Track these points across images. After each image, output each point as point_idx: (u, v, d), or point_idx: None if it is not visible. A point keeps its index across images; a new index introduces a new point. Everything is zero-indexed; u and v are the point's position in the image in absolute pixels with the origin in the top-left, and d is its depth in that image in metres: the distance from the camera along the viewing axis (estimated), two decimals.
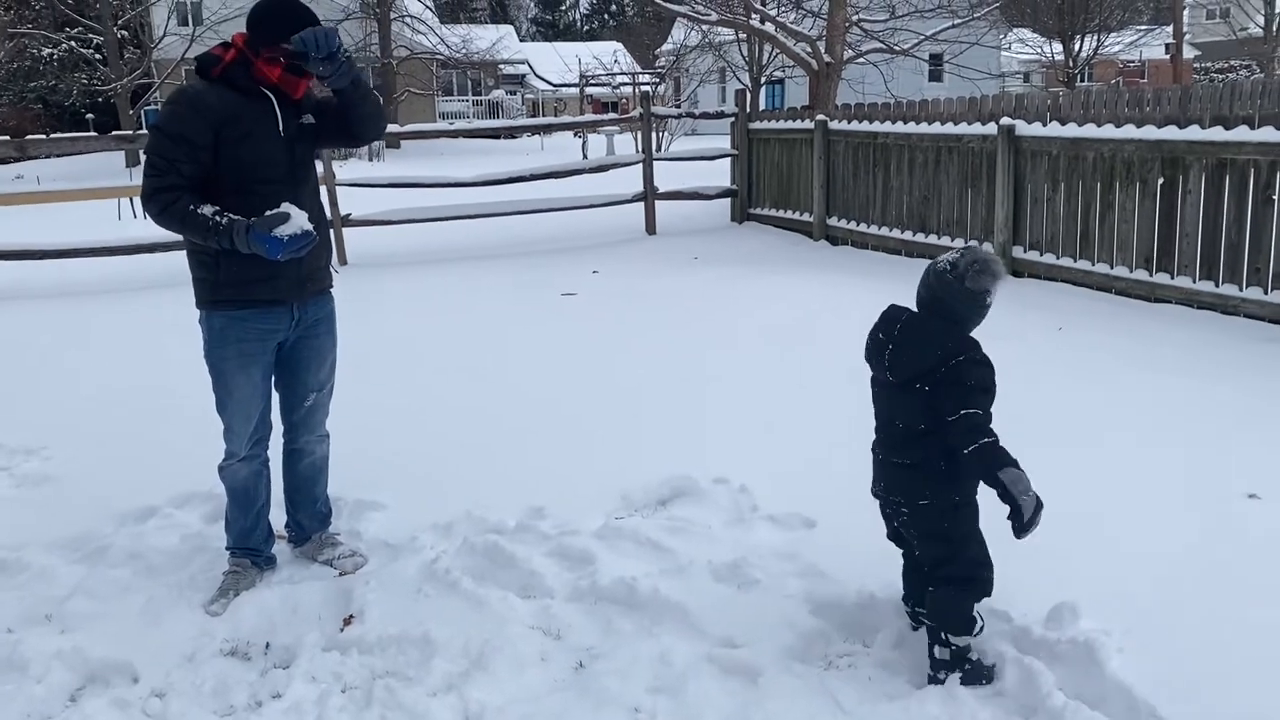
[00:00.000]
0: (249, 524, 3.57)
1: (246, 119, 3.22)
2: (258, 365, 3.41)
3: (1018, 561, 3.00)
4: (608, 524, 3.84)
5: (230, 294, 3.31)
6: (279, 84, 3.28)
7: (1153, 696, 2.63)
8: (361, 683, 2.90)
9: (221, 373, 3.40)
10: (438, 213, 10.68)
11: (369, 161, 25.90)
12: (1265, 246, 6.40)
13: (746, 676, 2.86)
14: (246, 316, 3.34)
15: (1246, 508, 3.81)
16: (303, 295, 3.43)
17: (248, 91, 3.25)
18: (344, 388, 5.78)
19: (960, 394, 2.70)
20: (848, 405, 3.44)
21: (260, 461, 3.55)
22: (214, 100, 3.20)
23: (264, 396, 3.48)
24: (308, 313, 3.48)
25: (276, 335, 3.43)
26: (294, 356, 3.52)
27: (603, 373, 5.87)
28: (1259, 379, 5.34)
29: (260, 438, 3.52)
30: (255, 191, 3.22)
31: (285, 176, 3.31)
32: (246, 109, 3.23)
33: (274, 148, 3.28)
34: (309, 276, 3.43)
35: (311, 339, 3.53)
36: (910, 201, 9.50)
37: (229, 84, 3.24)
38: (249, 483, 3.53)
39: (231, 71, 3.25)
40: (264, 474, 3.58)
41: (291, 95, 3.33)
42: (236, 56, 3.26)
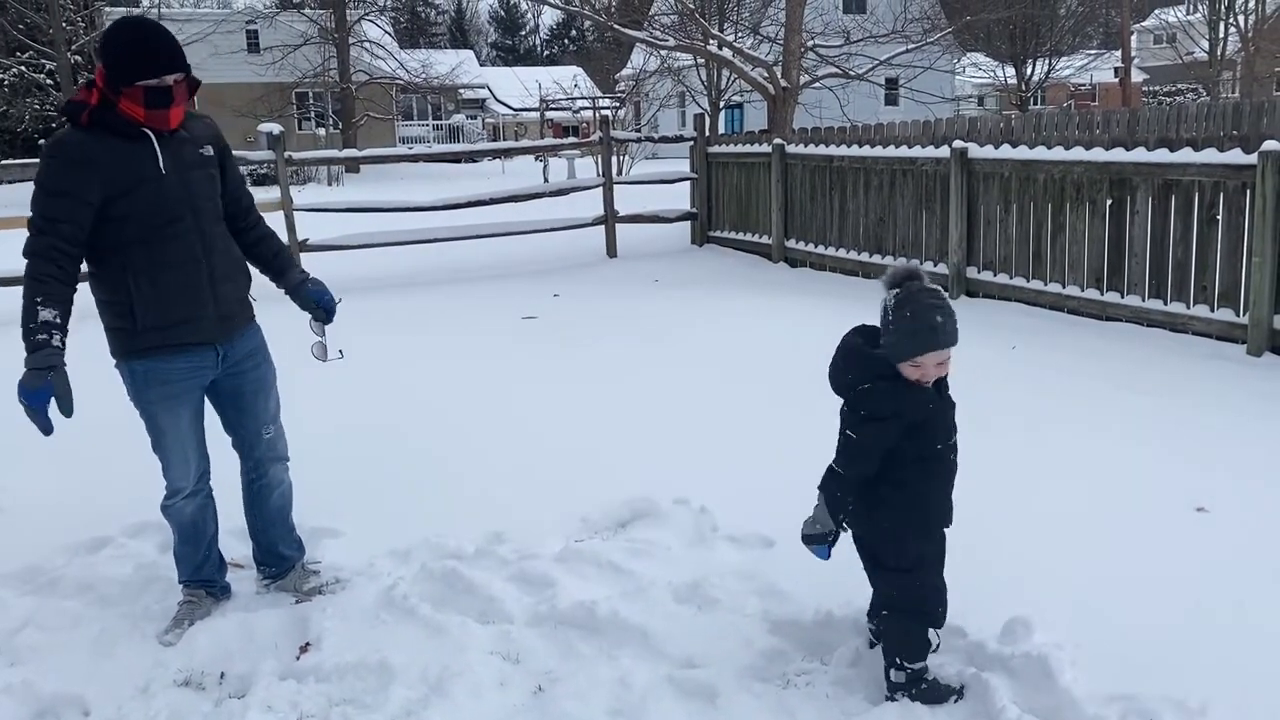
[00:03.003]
0: (200, 557, 3.51)
1: (134, 164, 3.02)
2: (186, 405, 3.30)
3: (972, 577, 3.04)
4: (567, 547, 3.84)
5: (152, 340, 3.16)
6: (147, 122, 3.03)
7: (1105, 709, 2.68)
8: (318, 711, 2.87)
9: (150, 415, 3.30)
10: (397, 237, 10.65)
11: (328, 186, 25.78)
12: (1210, 265, 6.55)
13: (706, 697, 2.87)
14: (170, 359, 3.22)
15: (1195, 521, 3.88)
16: (227, 333, 3.31)
17: (126, 134, 3.02)
18: (300, 413, 5.73)
19: (851, 418, 2.75)
20: (806, 425, 3.47)
21: (205, 495, 3.48)
22: (97, 149, 2.98)
23: (197, 433, 3.37)
24: (235, 348, 3.36)
25: (203, 375, 3.30)
26: (238, 393, 3.42)
27: (563, 396, 5.88)
28: (1206, 395, 5.45)
29: (203, 472, 3.44)
30: (163, 236, 3.07)
31: (190, 213, 3.13)
32: (131, 154, 3.03)
33: (167, 188, 3.08)
34: (230, 314, 3.32)
35: (250, 372, 3.44)
36: (867, 224, 9.62)
37: (106, 128, 3.00)
38: (196, 517, 3.46)
39: (101, 115, 3.01)
40: (210, 506, 3.52)
41: (165, 129, 3.08)
42: (100, 99, 3.01)
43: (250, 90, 31.99)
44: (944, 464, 2.80)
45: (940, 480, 2.81)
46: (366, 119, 33.20)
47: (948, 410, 2.79)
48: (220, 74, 33.51)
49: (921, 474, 2.77)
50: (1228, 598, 3.25)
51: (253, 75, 32.37)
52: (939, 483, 2.81)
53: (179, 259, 3.14)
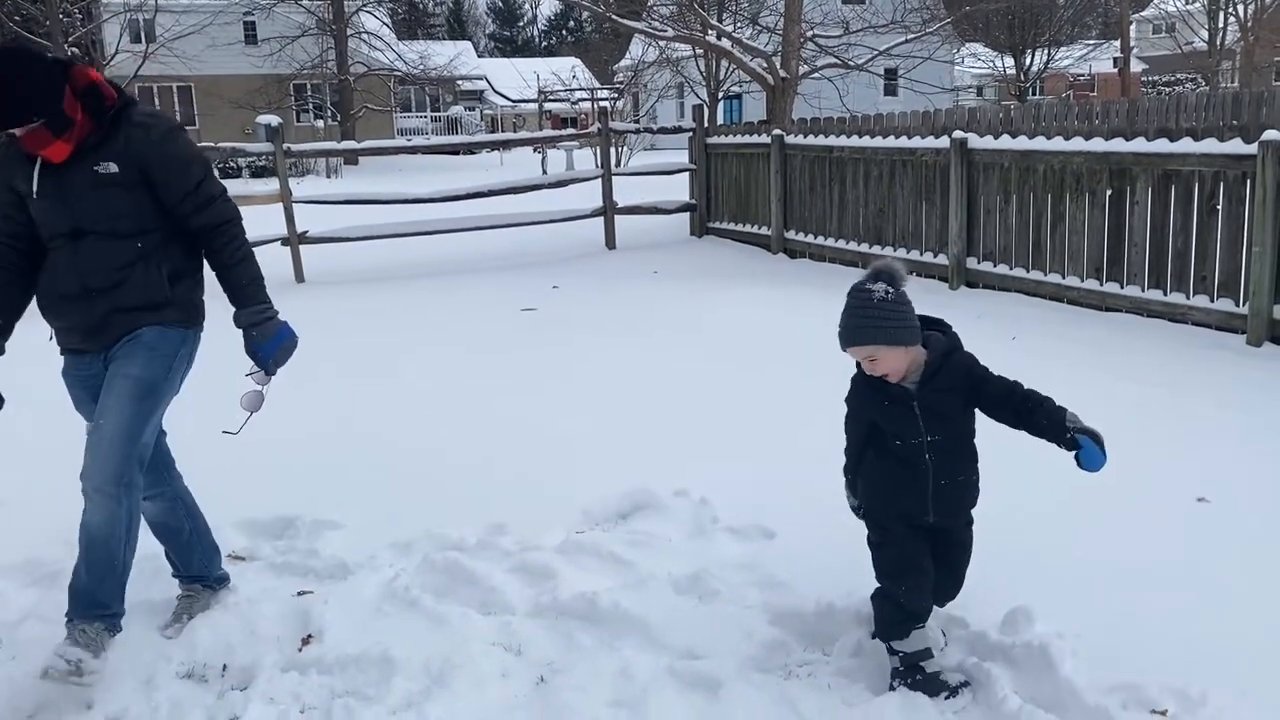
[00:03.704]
0: (184, 553, 3.46)
1: (20, 180, 3.06)
2: (81, 405, 3.31)
3: (973, 567, 3.04)
4: (568, 539, 3.84)
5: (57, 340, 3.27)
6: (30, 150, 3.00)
7: (1105, 699, 2.68)
8: (320, 703, 2.87)
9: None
10: (396, 229, 10.65)
11: (326, 178, 25.75)
12: (1210, 255, 6.55)
13: (707, 688, 2.88)
14: (65, 361, 3.30)
15: (1196, 511, 3.89)
16: (102, 343, 3.19)
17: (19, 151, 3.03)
18: (300, 406, 5.75)
19: None
20: (806, 416, 3.48)
21: (166, 497, 3.41)
22: (7, 155, 3.08)
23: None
24: (112, 352, 3.19)
25: (91, 381, 3.23)
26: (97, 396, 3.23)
27: (562, 387, 5.88)
28: (1206, 385, 5.46)
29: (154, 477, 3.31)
30: (50, 248, 3.12)
31: (67, 232, 3.08)
32: (20, 169, 3.05)
33: (41, 208, 3.07)
34: (102, 326, 3.15)
35: (110, 374, 3.17)
36: (866, 214, 9.62)
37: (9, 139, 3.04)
38: (162, 517, 3.41)
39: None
40: (178, 505, 3.45)
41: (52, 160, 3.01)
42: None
43: (248, 82, 31.95)
44: (902, 461, 2.81)
45: (900, 476, 2.83)
46: (364, 111, 33.17)
47: (906, 411, 2.78)
48: (218, 66, 33.50)
49: (880, 468, 2.87)
50: (1228, 587, 3.25)
51: (250, 67, 32.32)
52: (899, 478, 2.83)
53: (55, 271, 3.15)
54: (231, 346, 3.39)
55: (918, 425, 2.78)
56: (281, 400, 5.80)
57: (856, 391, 2.89)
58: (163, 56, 27.54)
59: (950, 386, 2.80)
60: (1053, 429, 2.77)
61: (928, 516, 2.85)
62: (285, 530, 4.08)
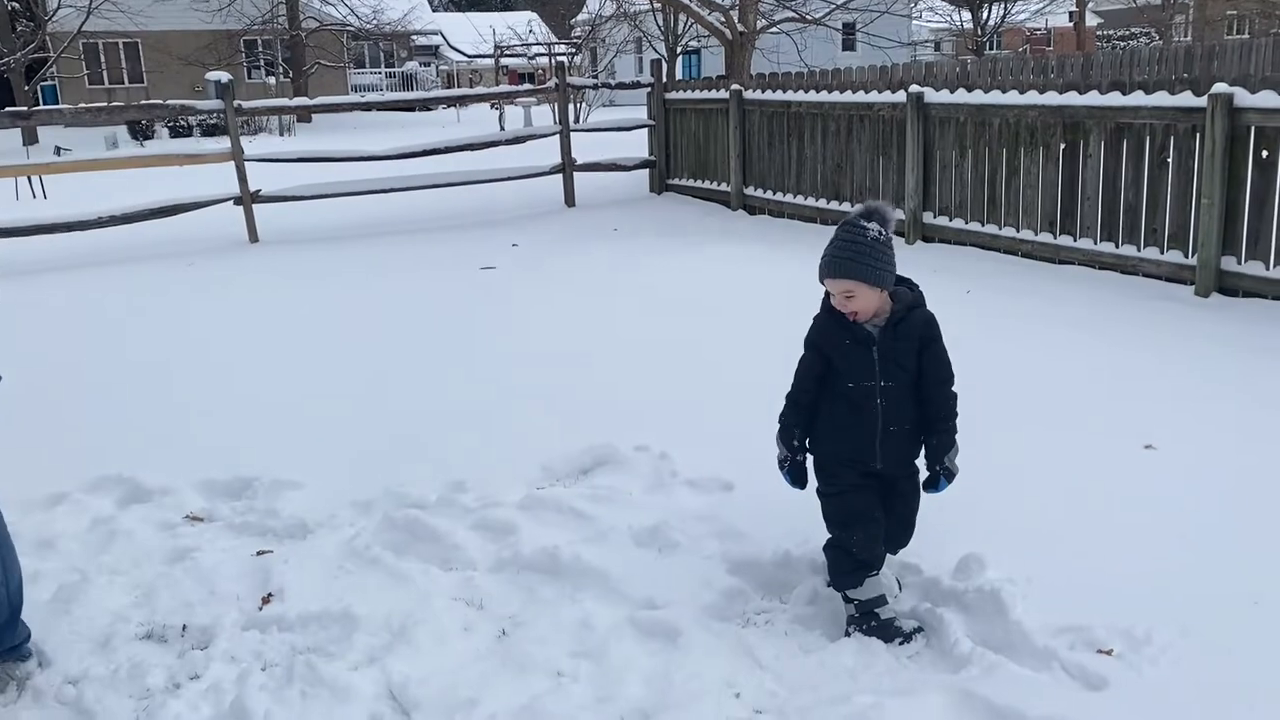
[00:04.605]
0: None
1: None
2: None
3: (926, 516, 3.10)
4: (529, 495, 3.85)
5: None
6: None
7: (1054, 640, 2.75)
8: (282, 660, 2.88)
9: None
10: (351, 187, 10.50)
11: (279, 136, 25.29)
12: (1160, 208, 6.65)
13: (667, 637, 2.92)
14: None
15: (1143, 458, 3.97)
16: None
17: None
18: (257, 367, 5.70)
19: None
20: (765, 371, 3.50)
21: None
22: None
23: None
24: None
25: None
26: None
27: (522, 345, 5.87)
28: (1154, 335, 5.56)
29: None
30: None
31: None
32: None
33: None
34: None
35: None
36: (824, 170, 9.63)
37: None
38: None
39: None
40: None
41: None
42: None
43: (197, 38, 31.16)
44: (853, 405, 2.86)
45: (850, 420, 2.88)
46: (317, 67, 32.52)
47: (865, 354, 2.83)
48: (166, 21, 32.63)
49: (832, 412, 2.91)
50: (1173, 531, 3.34)
51: (199, 23, 31.49)
52: (849, 422, 2.88)
53: None
54: None
55: (874, 369, 2.83)
56: (239, 361, 5.77)
57: (820, 328, 2.92)
58: (108, 12, 26.76)
59: (908, 337, 2.86)
60: (933, 452, 2.95)
61: (875, 463, 2.90)
62: (244, 490, 4.05)
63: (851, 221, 2.82)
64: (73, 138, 23.67)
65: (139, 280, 8.28)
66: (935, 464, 2.94)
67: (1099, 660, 2.67)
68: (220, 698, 2.71)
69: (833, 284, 2.82)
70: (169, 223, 9.95)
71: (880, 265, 2.78)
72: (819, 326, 2.93)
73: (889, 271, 2.80)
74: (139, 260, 9.13)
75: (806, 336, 2.95)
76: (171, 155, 11.24)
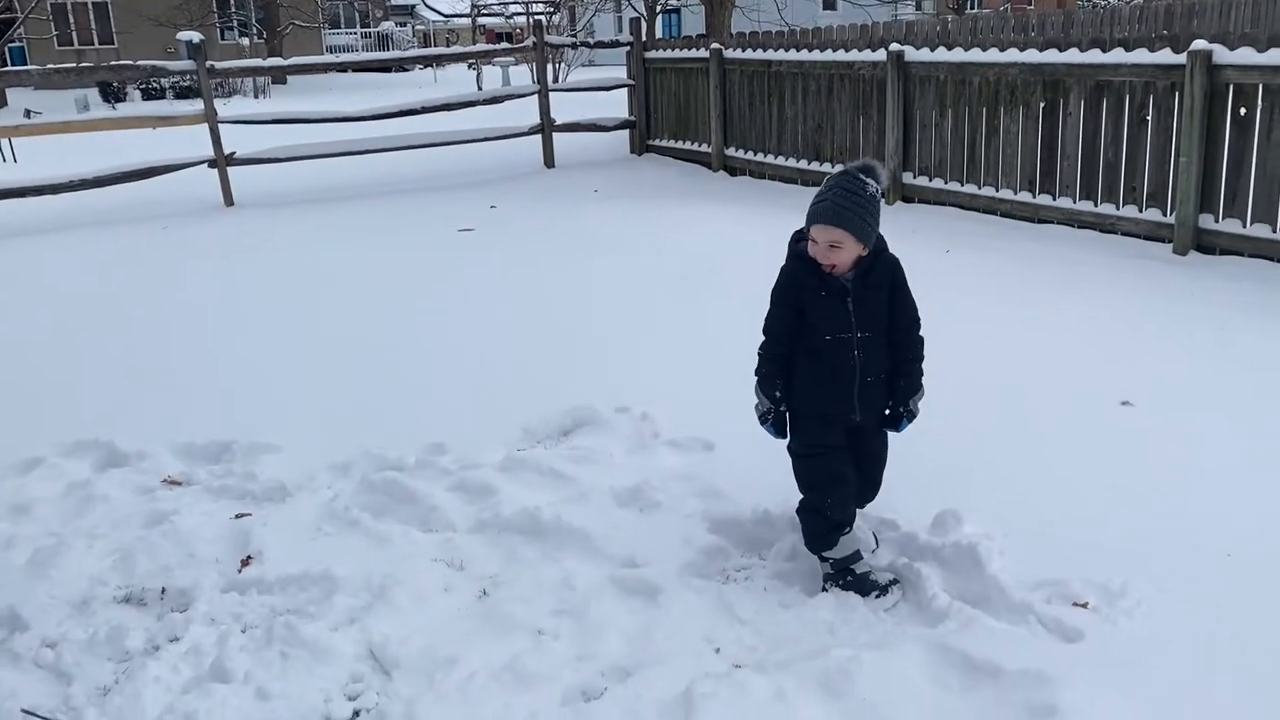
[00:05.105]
0: None
1: None
2: None
3: (904, 471, 3.12)
4: (509, 456, 3.85)
5: None
6: None
7: (1030, 594, 2.78)
8: (262, 621, 2.87)
9: None
10: (327, 149, 10.38)
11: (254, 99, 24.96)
12: (1140, 166, 6.65)
13: (647, 594, 2.93)
14: None
15: (1120, 415, 4.00)
16: None
17: None
18: (234, 330, 5.65)
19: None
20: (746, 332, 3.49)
21: None
22: None
23: None
24: None
25: None
26: None
27: (502, 307, 5.84)
28: (1131, 293, 5.59)
29: None
30: None
31: None
32: None
33: None
34: None
35: None
36: (805, 130, 9.58)
37: None
38: None
39: None
40: None
41: None
42: None
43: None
44: (832, 359, 2.85)
45: (828, 371, 2.86)
46: (291, 27, 32.04)
47: (840, 305, 2.81)
48: None
49: (809, 368, 2.89)
50: (1148, 485, 3.37)
51: None
52: (826, 373, 2.86)
53: None
54: None
55: (850, 320, 2.82)
56: (216, 325, 5.72)
57: (793, 279, 2.86)
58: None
59: (879, 284, 2.86)
60: (900, 394, 2.95)
61: (854, 415, 2.91)
62: (222, 454, 4.03)
63: (851, 174, 2.79)
64: (43, 101, 23.28)
65: (112, 244, 8.17)
66: (900, 405, 2.95)
67: (1074, 613, 2.70)
68: (200, 660, 2.70)
69: (825, 232, 2.76)
70: (142, 186, 9.81)
71: (872, 223, 2.78)
72: (791, 277, 2.87)
73: (875, 231, 2.80)
74: (112, 224, 9.01)
75: (776, 288, 2.90)
76: (144, 117, 11.08)
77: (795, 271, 2.86)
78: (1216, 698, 2.38)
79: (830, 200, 2.75)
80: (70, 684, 2.67)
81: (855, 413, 2.90)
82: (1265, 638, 2.57)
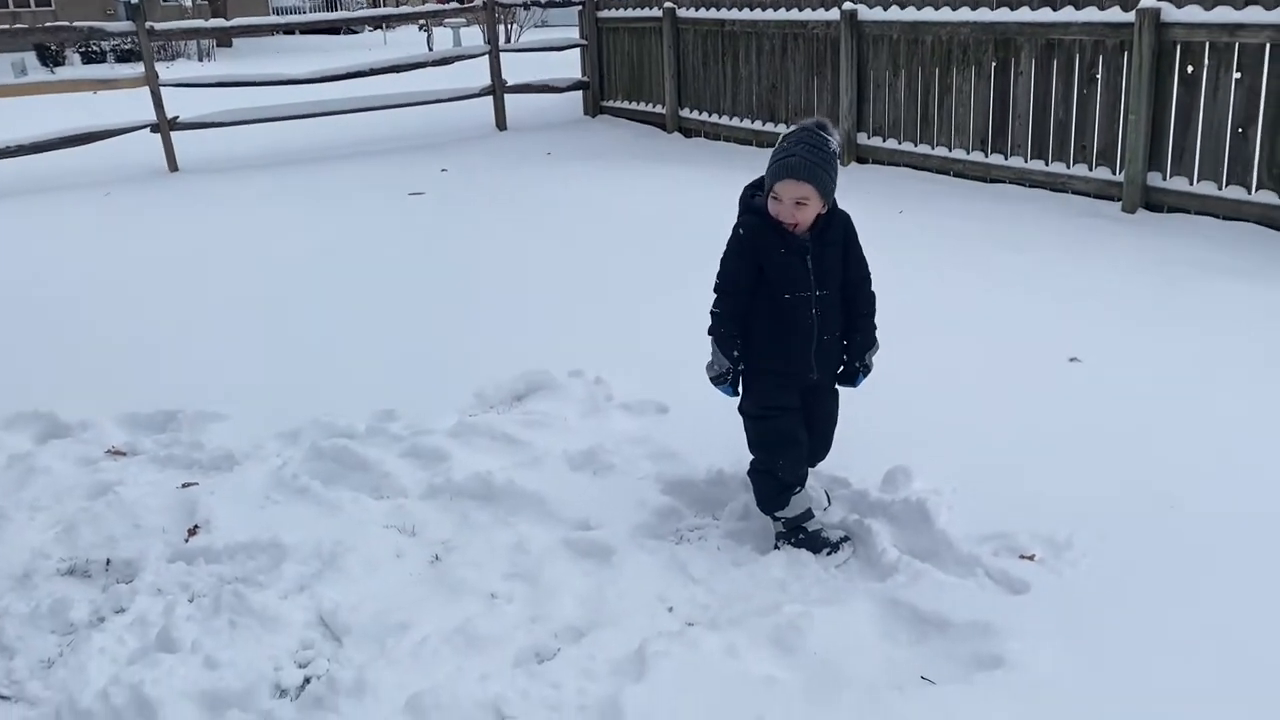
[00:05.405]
0: None
1: None
2: None
3: (855, 429, 3.14)
4: (461, 421, 3.82)
5: None
6: None
7: (978, 548, 2.82)
8: (210, 590, 2.83)
9: None
10: (273, 113, 10.18)
11: (198, 61, 24.40)
12: (1090, 125, 6.70)
13: (601, 556, 2.93)
14: None
15: (1068, 371, 4.05)
16: None
17: None
18: (180, 299, 5.54)
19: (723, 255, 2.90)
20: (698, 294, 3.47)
21: None
22: None
23: None
24: None
25: None
26: None
27: (454, 272, 5.77)
28: (1081, 251, 5.65)
29: None
30: None
31: None
32: None
33: None
34: None
35: None
36: (759, 91, 9.54)
37: None
38: None
39: None
40: None
41: None
42: None
43: None
44: (791, 316, 2.83)
45: (787, 330, 2.84)
46: None
47: (800, 263, 2.80)
48: None
49: (767, 324, 2.86)
50: (1095, 440, 3.42)
51: None
52: (785, 332, 2.85)
53: None
54: None
55: (809, 278, 2.81)
56: (159, 293, 5.60)
57: (751, 236, 2.80)
58: None
59: (835, 240, 2.86)
60: (856, 349, 2.96)
61: (812, 374, 2.91)
62: (167, 424, 3.96)
63: (812, 130, 2.76)
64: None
65: (53, 211, 7.97)
66: (855, 360, 2.96)
67: (1021, 565, 2.73)
68: (146, 630, 2.66)
69: (793, 188, 2.72)
70: (84, 152, 9.57)
71: (835, 179, 2.78)
72: (753, 232, 2.81)
73: (835, 187, 2.79)
74: (53, 190, 8.79)
75: (733, 244, 2.86)
76: (84, 81, 10.77)
77: (755, 226, 2.81)
78: (1159, 645, 2.42)
79: (799, 155, 2.72)
80: (13, 658, 2.62)
81: (813, 371, 2.90)
82: (1207, 587, 2.62)
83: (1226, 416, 3.56)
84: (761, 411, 2.93)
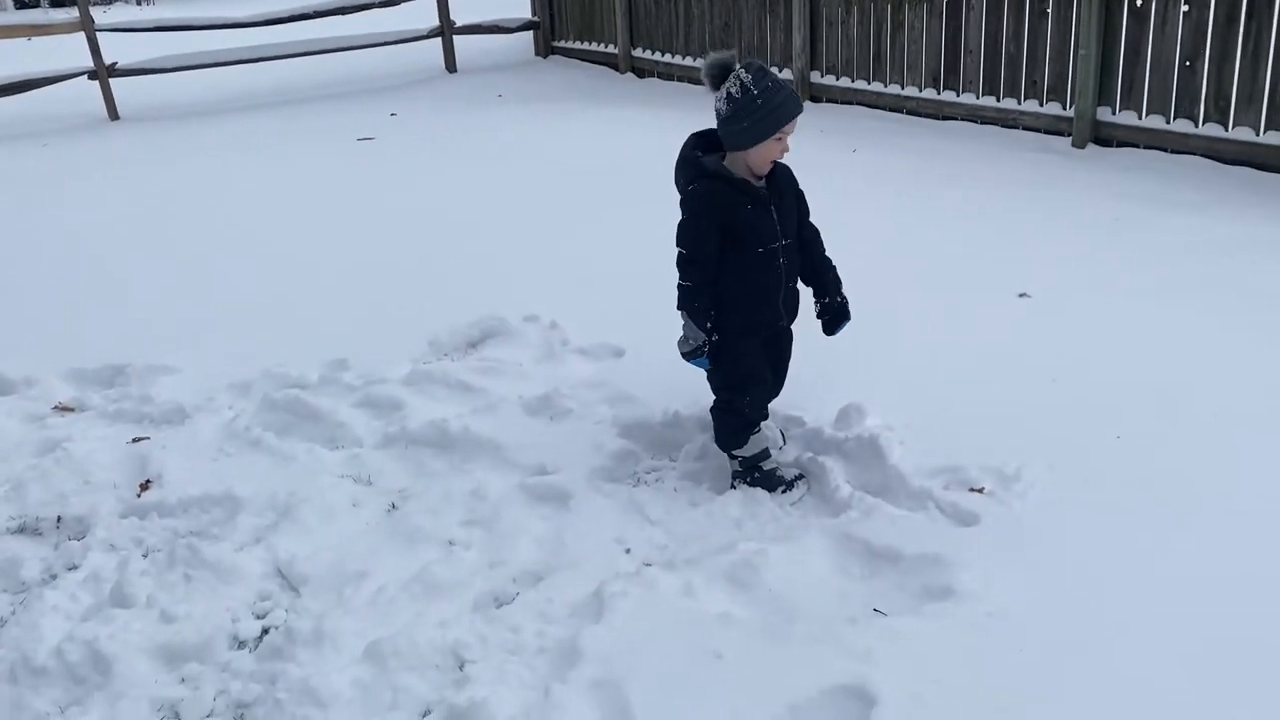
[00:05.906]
0: None
1: None
2: None
3: (808, 368, 3.16)
4: (415, 370, 3.79)
5: None
6: None
7: (929, 481, 2.86)
8: (164, 544, 2.82)
9: None
10: (216, 58, 9.91)
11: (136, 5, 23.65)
12: (1040, 60, 6.70)
13: (558, 500, 2.94)
14: None
15: (1017, 306, 4.09)
16: None
17: None
18: (124, 251, 5.43)
19: (679, 225, 2.80)
20: (652, 237, 3.46)
21: None
22: None
23: None
24: None
25: None
26: None
27: (405, 219, 5.70)
28: (1031, 187, 5.68)
29: None
30: None
31: None
32: None
33: None
34: None
35: None
36: (711, 29, 9.42)
37: None
38: None
39: None
40: None
41: None
42: None
43: None
44: (762, 269, 2.80)
45: (759, 284, 2.82)
46: None
47: (765, 213, 2.77)
48: None
49: (738, 279, 2.79)
50: (1043, 375, 3.46)
51: None
52: (758, 287, 2.82)
53: None
54: None
55: (775, 229, 2.78)
56: (102, 246, 5.48)
57: (715, 197, 2.71)
58: None
59: (788, 189, 2.85)
60: (834, 285, 2.97)
61: (782, 321, 2.93)
62: (115, 378, 3.91)
63: (766, 70, 2.70)
64: None
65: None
66: (837, 295, 2.96)
67: (971, 498, 2.78)
68: (100, 586, 2.65)
69: (789, 127, 2.68)
70: (19, 101, 9.28)
71: None
72: (717, 195, 2.72)
73: None
74: None
75: (694, 211, 2.75)
76: (17, 26, 10.40)
77: (715, 190, 2.73)
78: (1107, 574, 2.48)
79: (789, 90, 2.68)
80: None
81: (783, 319, 2.91)
82: (1152, 517, 2.68)
83: (1174, 348, 3.61)
84: (732, 354, 2.89)
